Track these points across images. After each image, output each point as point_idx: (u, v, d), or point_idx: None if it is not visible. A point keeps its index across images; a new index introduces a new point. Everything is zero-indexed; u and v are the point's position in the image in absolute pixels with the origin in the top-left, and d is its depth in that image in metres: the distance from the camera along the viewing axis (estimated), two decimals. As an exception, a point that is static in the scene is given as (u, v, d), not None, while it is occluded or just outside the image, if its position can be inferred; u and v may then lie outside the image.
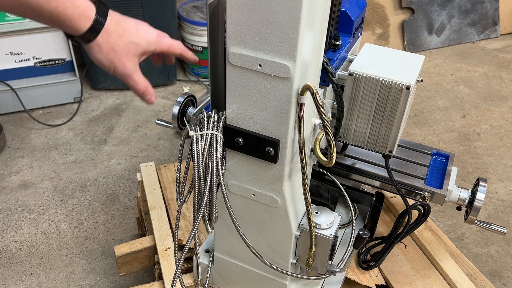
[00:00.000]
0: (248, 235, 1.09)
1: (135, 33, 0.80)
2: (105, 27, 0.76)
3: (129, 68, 0.81)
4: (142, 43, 0.81)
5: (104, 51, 0.77)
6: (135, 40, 0.80)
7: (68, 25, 0.72)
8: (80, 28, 0.74)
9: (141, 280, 1.84)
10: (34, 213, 2.12)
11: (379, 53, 1.17)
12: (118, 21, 0.79)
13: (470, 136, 2.71)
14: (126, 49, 0.79)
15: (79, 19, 0.72)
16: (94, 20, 0.74)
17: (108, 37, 0.76)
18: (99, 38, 0.76)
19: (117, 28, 0.78)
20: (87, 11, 0.73)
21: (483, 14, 3.72)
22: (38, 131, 2.63)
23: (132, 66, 0.81)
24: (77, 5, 0.72)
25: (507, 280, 1.89)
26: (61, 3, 0.70)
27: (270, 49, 0.86)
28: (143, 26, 0.84)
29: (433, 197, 1.30)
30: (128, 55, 0.80)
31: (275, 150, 0.97)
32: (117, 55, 0.78)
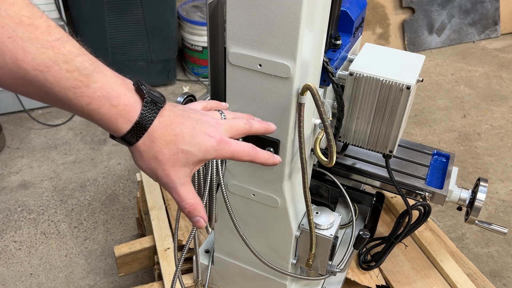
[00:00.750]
0: (248, 235, 1.09)
1: (189, 140, 0.65)
2: (150, 131, 0.61)
3: (174, 181, 0.66)
4: (195, 153, 0.65)
5: (145, 159, 0.63)
6: (187, 149, 0.64)
7: (103, 124, 0.60)
8: (118, 130, 0.60)
9: (141, 280, 1.84)
10: (33, 213, 2.12)
11: (380, 53, 1.17)
12: (171, 124, 0.63)
13: (471, 136, 2.70)
14: (173, 158, 0.64)
15: (116, 120, 0.59)
16: (136, 122, 0.60)
17: (152, 143, 0.62)
18: (141, 143, 0.62)
19: (166, 133, 0.63)
20: (128, 111, 0.60)
21: (483, 14, 3.71)
22: (38, 131, 2.63)
23: (179, 178, 0.66)
24: (114, 104, 0.58)
25: (508, 281, 1.89)
26: (94, 99, 0.57)
27: (270, 49, 0.86)
28: (204, 128, 0.67)
29: (433, 197, 1.29)
30: (175, 165, 0.65)
31: (275, 150, 0.97)
32: (161, 165, 0.64)
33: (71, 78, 0.55)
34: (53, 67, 0.54)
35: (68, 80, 0.55)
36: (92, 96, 0.57)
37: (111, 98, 0.58)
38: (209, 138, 0.67)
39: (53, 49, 0.54)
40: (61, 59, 0.54)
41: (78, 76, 0.56)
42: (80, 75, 0.56)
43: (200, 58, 3.05)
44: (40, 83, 0.54)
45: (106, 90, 0.58)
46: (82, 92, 0.56)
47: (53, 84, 0.55)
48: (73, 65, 0.55)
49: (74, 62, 0.55)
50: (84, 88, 0.56)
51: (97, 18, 2.64)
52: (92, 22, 2.66)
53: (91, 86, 0.57)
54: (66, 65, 0.55)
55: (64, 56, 0.55)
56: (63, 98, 0.56)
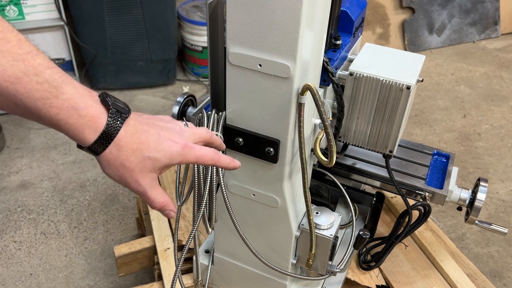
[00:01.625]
0: (248, 235, 1.09)
1: (155, 147, 0.67)
2: (116, 140, 0.64)
3: (143, 186, 0.69)
4: (161, 159, 0.68)
5: (113, 167, 0.66)
6: (154, 155, 0.67)
7: (71, 134, 0.62)
8: (85, 140, 0.62)
9: (141, 280, 1.84)
10: (33, 213, 2.12)
11: (380, 53, 1.17)
12: (136, 132, 0.66)
13: (471, 136, 2.70)
14: (141, 165, 0.66)
15: (84, 130, 0.61)
16: (102, 132, 0.62)
17: (119, 152, 0.64)
18: (107, 152, 0.64)
19: (131, 141, 0.65)
20: (94, 121, 0.62)
21: (483, 13, 3.71)
22: (38, 131, 2.63)
23: (147, 183, 0.69)
24: (82, 114, 0.60)
25: (508, 281, 1.89)
26: (63, 109, 0.59)
27: (270, 49, 0.86)
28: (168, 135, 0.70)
29: (433, 197, 1.29)
30: (143, 172, 0.67)
31: (275, 150, 0.97)
32: (129, 172, 0.66)
33: (41, 89, 0.57)
34: (23, 79, 0.56)
35: (38, 91, 0.57)
36: (61, 106, 0.59)
37: (79, 109, 0.60)
38: (174, 144, 0.69)
39: (23, 62, 0.56)
40: (31, 71, 0.56)
41: (48, 87, 0.58)
42: (50, 87, 0.58)
43: (200, 58, 3.05)
44: (11, 94, 0.56)
45: (74, 101, 0.60)
46: (52, 103, 0.58)
47: (23, 95, 0.57)
48: (43, 77, 0.57)
49: (44, 75, 0.57)
50: (53, 99, 0.58)
51: (97, 18, 2.64)
52: (92, 22, 2.66)
53: (59, 97, 0.59)
54: (36, 77, 0.57)
55: (34, 69, 0.57)
56: (33, 108, 0.58)
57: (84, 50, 2.74)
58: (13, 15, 2.51)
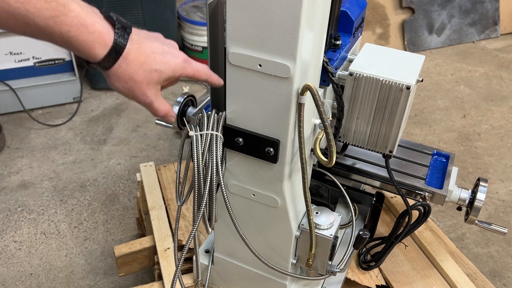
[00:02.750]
0: (248, 235, 1.09)
1: (160, 59, 0.72)
2: (124, 54, 0.68)
3: (150, 97, 0.74)
4: (166, 71, 0.73)
5: (122, 80, 0.69)
6: (159, 68, 0.72)
7: (82, 51, 0.65)
8: (96, 56, 0.66)
9: (141, 280, 1.84)
10: (33, 213, 2.12)
11: (379, 53, 1.17)
12: (141, 46, 0.70)
13: (471, 136, 2.70)
14: (148, 77, 0.71)
15: (94, 46, 0.65)
16: (111, 48, 0.66)
17: (127, 66, 0.68)
18: (117, 67, 0.68)
19: (138, 55, 0.69)
20: (103, 37, 0.65)
21: (483, 14, 3.71)
22: (38, 131, 2.63)
23: (153, 94, 0.74)
24: (91, 31, 0.64)
25: (508, 281, 1.89)
26: (73, 27, 0.62)
27: (270, 49, 0.86)
28: (169, 49, 0.76)
29: (433, 197, 1.29)
30: (150, 84, 0.72)
31: (275, 150, 0.97)
32: (137, 84, 0.71)
33: (50, 8, 0.60)
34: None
35: (48, 10, 0.60)
36: (71, 24, 0.62)
37: (87, 25, 0.63)
38: (176, 59, 0.76)
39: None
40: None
41: (56, 6, 0.60)
42: (58, 5, 0.60)
43: (200, 58, 3.05)
44: (22, 14, 0.58)
45: (82, 18, 0.63)
46: (62, 20, 0.61)
47: (35, 15, 0.59)
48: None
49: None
50: (62, 17, 0.61)
51: (97, 18, 2.64)
52: (92, 22, 2.66)
53: (68, 14, 0.61)
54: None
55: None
56: (45, 27, 0.60)
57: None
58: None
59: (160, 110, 0.78)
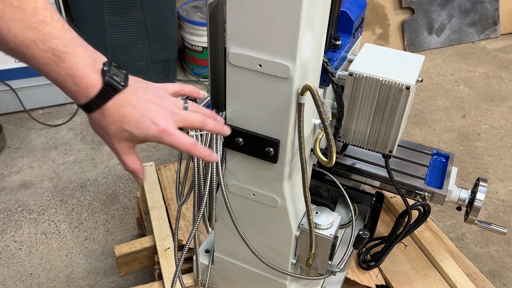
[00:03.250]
0: (248, 235, 1.09)
1: (134, 124, 0.73)
2: (102, 108, 0.71)
3: (118, 150, 0.76)
4: (137, 135, 0.74)
5: (96, 127, 0.74)
6: (131, 130, 0.73)
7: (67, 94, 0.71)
8: (78, 101, 0.71)
9: (141, 280, 1.84)
10: (34, 213, 2.12)
11: (379, 53, 1.17)
12: (122, 107, 0.72)
13: (470, 136, 2.71)
14: (118, 134, 0.73)
15: (77, 95, 0.70)
16: (91, 100, 0.70)
17: (102, 118, 0.72)
18: (93, 115, 0.72)
19: (115, 113, 0.72)
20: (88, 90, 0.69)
21: (483, 14, 3.72)
22: (38, 131, 2.63)
23: (122, 148, 0.76)
24: (77, 82, 0.68)
25: (507, 280, 1.89)
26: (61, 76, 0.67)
27: (270, 49, 0.86)
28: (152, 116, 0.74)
29: (433, 197, 1.30)
30: (119, 139, 0.74)
31: (275, 150, 0.97)
32: (107, 136, 0.74)
33: (45, 56, 0.65)
34: (31, 45, 0.63)
35: (42, 58, 0.65)
36: (60, 73, 0.67)
37: (75, 77, 0.68)
38: (153, 126, 0.74)
39: (34, 30, 0.63)
40: (39, 39, 0.63)
41: (51, 55, 0.65)
42: (53, 55, 0.65)
43: (200, 58, 3.05)
44: (19, 53, 0.64)
45: (72, 70, 0.67)
46: (53, 69, 0.66)
47: (30, 58, 0.65)
48: (49, 46, 0.64)
49: (50, 44, 0.64)
50: (54, 66, 0.66)
51: (97, 18, 2.64)
52: (92, 22, 2.66)
53: (60, 65, 0.66)
54: (42, 45, 0.64)
55: (43, 37, 0.63)
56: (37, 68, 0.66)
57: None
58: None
59: (128, 165, 0.78)
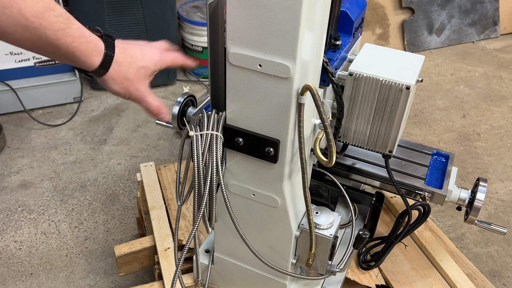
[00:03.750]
0: (248, 235, 1.09)
1: (142, 58, 0.84)
2: (115, 58, 0.79)
3: (143, 92, 0.85)
4: (149, 66, 0.85)
5: (118, 82, 0.80)
6: (144, 64, 0.84)
7: (82, 60, 0.75)
8: (93, 63, 0.76)
9: (141, 280, 1.84)
10: (34, 213, 2.12)
11: (379, 53, 1.17)
12: (125, 50, 0.82)
13: (470, 136, 2.71)
14: (138, 74, 0.82)
15: (92, 54, 0.75)
16: (105, 54, 0.77)
17: (120, 68, 0.80)
18: (111, 70, 0.79)
19: (125, 57, 0.81)
20: (98, 46, 0.76)
21: (483, 14, 3.72)
22: (38, 131, 2.63)
23: (145, 89, 0.85)
24: (89, 40, 0.75)
25: (507, 280, 1.89)
26: (76, 38, 0.72)
27: (270, 49, 0.86)
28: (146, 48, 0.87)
29: (433, 197, 1.30)
30: (140, 80, 0.83)
31: (275, 150, 0.97)
32: (131, 82, 0.82)
33: (58, 21, 0.70)
34: (45, 13, 0.68)
35: (57, 23, 0.70)
36: (74, 35, 0.72)
37: (86, 36, 0.74)
38: (154, 53, 0.87)
39: (43, 1, 0.68)
40: (48, 7, 0.69)
41: (63, 20, 0.71)
42: (64, 19, 0.71)
43: (200, 58, 3.06)
44: (36, 28, 0.68)
45: (81, 30, 0.74)
46: (67, 32, 0.71)
47: (47, 28, 0.69)
48: (57, 11, 0.70)
49: (57, 9, 0.70)
50: (68, 30, 0.71)
51: (97, 18, 2.64)
52: (92, 22, 2.65)
53: (72, 27, 0.72)
54: (53, 12, 0.69)
55: (49, 5, 0.69)
56: (54, 39, 0.70)
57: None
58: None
59: (153, 104, 0.88)
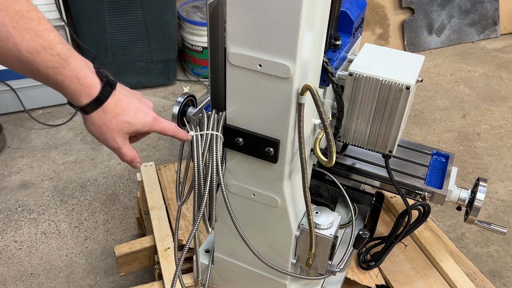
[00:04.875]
0: (248, 235, 1.09)
1: (133, 114, 0.84)
2: (104, 106, 0.80)
3: (118, 143, 0.85)
4: (136, 125, 0.85)
5: (96, 125, 0.81)
6: (130, 121, 0.84)
7: (69, 96, 0.77)
8: (79, 102, 0.78)
9: (141, 280, 1.84)
10: (34, 213, 2.12)
11: (379, 53, 1.17)
12: (119, 101, 0.82)
13: (470, 136, 2.71)
14: (119, 127, 0.83)
15: (80, 95, 0.77)
16: (94, 99, 0.78)
17: (104, 114, 0.81)
18: (95, 113, 0.80)
19: (115, 108, 0.82)
20: (90, 90, 0.78)
21: (483, 14, 3.72)
22: (38, 131, 2.63)
23: (121, 141, 0.85)
24: (82, 83, 0.76)
25: (507, 280, 1.89)
26: (68, 78, 0.74)
27: (270, 49, 0.86)
28: (143, 108, 0.87)
29: (433, 197, 1.30)
30: (119, 132, 0.84)
31: (275, 150, 0.97)
32: (109, 131, 0.82)
33: (53, 60, 0.72)
34: (41, 51, 0.70)
35: (51, 62, 0.72)
36: (67, 75, 0.74)
37: (80, 78, 0.76)
38: (147, 116, 0.87)
39: (42, 37, 0.70)
40: (47, 45, 0.71)
41: (59, 59, 0.72)
42: (60, 59, 0.72)
43: (200, 58, 3.06)
44: (30, 62, 0.70)
45: (77, 72, 0.75)
46: (60, 71, 0.73)
47: (40, 64, 0.71)
48: (56, 51, 0.72)
49: (56, 49, 0.72)
50: (61, 69, 0.73)
51: (97, 18, 2.64)
52: (92, 22, 2.66)
53: (66, 68, 0.73)
54: (50, 50, 0.71)
55: (49, 43, 0.71)
56: (45, 74, 0.72)
57: (85, 50, 2.75)
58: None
59: (128, 155, 0.88)
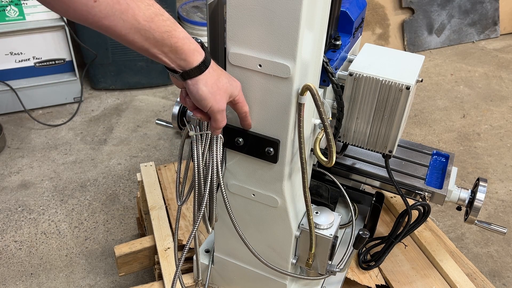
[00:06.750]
0: (248, 235, 1.09)
1: (228, 76, 0.89)
2: (212, 64, 0.85)
3: (223, 106, 0.87)
4: (236, 86, 0.89)
5: (209, 84, 0.84)
6: (232, 82, 0.88)
7: (183, 57, 0.81)
8: (193, 61, 0.82)
9: (141, 280, 1.84)
10: (34, 213, 2.12)
11: (379, 53, 1.17)
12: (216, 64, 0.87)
13: (470, 136, 2.71)
14: (225, 86, 0.87)
15: (194, 53, 0.82)
16: (205, 56, 0.83)
17: (214, 72, 0.85)
18: (207, 72, 0.84)
19: (217, 69, 0.86)
20: (199, 50, 0.83)
21: (483, 14, 3.72)
22: (38, 131, 2.63)
23: (225, 104, 0.88)
24: (192, 42, 0.82)
25: (507, 280, 1.89)
26: (180, 39, 0.80)
27: (270, 49, 0.86)
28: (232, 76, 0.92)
29: (433, 197, 1.30)
30: (226, 92, 0.87)
31: (275, 150, 0.97)
32: (219, 90, 0.86)
33: (165, 25, 0.78)
34: (155, 18, 0.77)
35: (164, 26, 0.78)
36: (178, 37, 0.80)
37: (190, 39, 0.82)
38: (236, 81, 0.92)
39: (152, 6, 0.77)
40: (158, 12, 0.77)
41: (170, 23, 0.79)
42: (171, 23, 0.79)
43: (200, 58, 3.05)
44: (147, 30, 0.76)
45: (186, 33, 0.82)
46: (173, 34, 0.79)
47: (155, 30, 0.77)
48: (166, 16, 0.79)
49: (166, 14, 0.79)
50: (173, 32, 0.79)
51: (97, 18, 2.64)
52: (92, 22, 2.66)
53: (177, 30, 0.80)
54: (162, 16, 0.78)
55: (159, 10, 0.78)
56: (160, 40, 0.78)
57: (85, 50, 2.75)
58: (14, 15, 2.52)
59: (225, 120, 0.90)
